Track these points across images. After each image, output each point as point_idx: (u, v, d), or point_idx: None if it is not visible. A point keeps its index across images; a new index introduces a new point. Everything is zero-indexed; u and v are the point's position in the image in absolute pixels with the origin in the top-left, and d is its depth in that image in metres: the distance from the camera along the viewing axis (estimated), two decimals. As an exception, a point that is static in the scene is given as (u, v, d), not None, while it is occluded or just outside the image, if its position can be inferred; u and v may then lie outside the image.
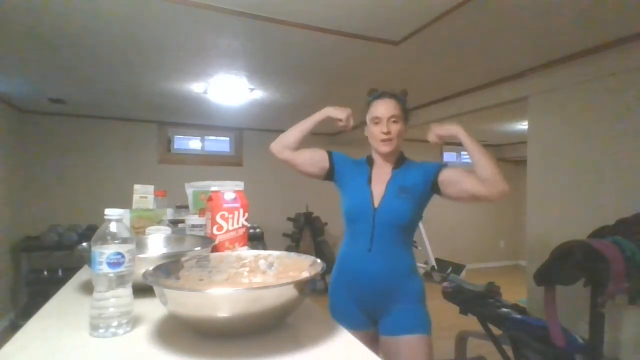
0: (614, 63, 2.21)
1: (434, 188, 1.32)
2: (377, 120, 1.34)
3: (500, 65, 2.63)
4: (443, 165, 1.33)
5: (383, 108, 1.33)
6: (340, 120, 1.45)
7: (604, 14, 1.86)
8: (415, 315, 1.30)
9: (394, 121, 1.33)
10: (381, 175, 1.37)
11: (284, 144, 1.46)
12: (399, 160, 1.40)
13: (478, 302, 2.16)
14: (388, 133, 1.31)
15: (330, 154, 1.47)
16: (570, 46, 2.27)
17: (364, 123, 1.42)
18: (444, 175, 1.30)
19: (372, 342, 1.33)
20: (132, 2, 1.78)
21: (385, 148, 1.33)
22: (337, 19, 1.95)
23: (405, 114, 1.38)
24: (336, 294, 1.39)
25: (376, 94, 1.39)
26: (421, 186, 1.32)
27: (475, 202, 1.36)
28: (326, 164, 1.44)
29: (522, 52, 2.38)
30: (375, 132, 1.34)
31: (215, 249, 1.04)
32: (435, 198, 1.39)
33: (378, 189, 1.34)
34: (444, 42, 2.21)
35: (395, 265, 1.29)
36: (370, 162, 1.43)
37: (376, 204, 1.32)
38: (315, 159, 1.46)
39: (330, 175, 1.44)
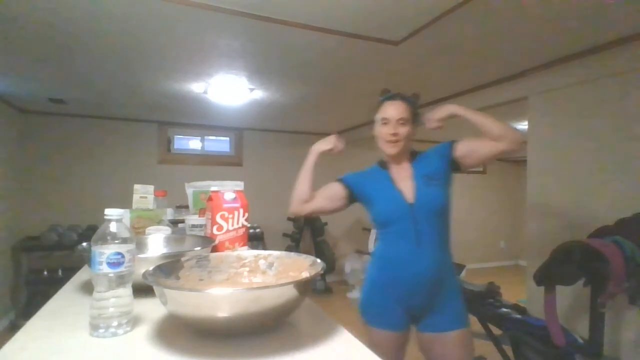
0: (614, 63, 2.21)
1: (453, 165, 1.34)
2: (385, 121, 1.35)
3: (500, 65, 2.63)
4: (453, 142, 1.35)
5: (392, 109, 1.34)
6: (331, 149, 1.48)
7: (604, 14, 1.86)
8: (457, 310, 1.32)
9: (402, 123, 1.33)
10: (401, 173, 1.38)
11: (299, 201, 1.50)
12: (412, 156, 1.41)
13: (478, 302, 2.16)
14: (395, 134, 1.32)
15: (342, 180, 1.48)
16: (570, 46, 2.27)
17: (372, 122, 1.43)
18: (459, 150, 1.32)
19: (405, 344, 1.37)
20: (132, 2, 1.78)
21: (391, 149, 1.35)
22: (337, 19, 1.96)
23: (415, 117, 1.38)
24: (377, 295, 1.37)
25: (387, 95, 1.40)
26: (442, 168, 1.34)
27: (495, 159, 1.39)
28: (343, 192, 1.45)
29: (522, 52, 2.38)
30: (382, 133, 1.36)
31: (215, 249, 1.04)
32: None
33: (405, 186, 1.35)
34: (444, 42, 2.22)
35: (441, 263, 1.30)
36: (384, 165, 1.45)
37: (410, 200, 1.32)
38: (331, 195, 1.47)
39: (352, 199, 1.45)
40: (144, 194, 1.35)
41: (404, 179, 1.37)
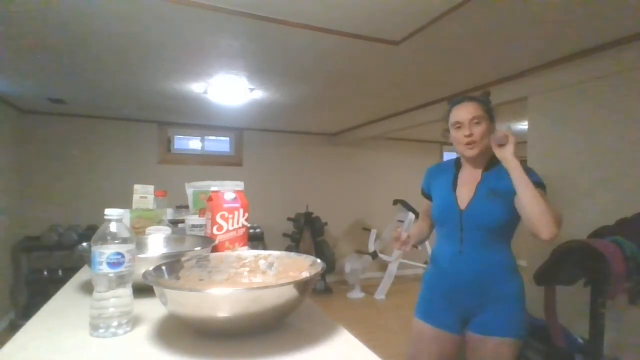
0: (614, 63, 2.21)
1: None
2: (458, 125, 1.31)
3: (500, 65, 2.63)
4: (535, 184, 1.20)
5: (463, 111, 1.30)
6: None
7: (604, 14, 1.86)
8: (508, 318, 1.27)
9: (477, 122, 1.28)
10: (469, 178, 1.35)
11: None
12: (490, 162, 1.34)
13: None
14: (470, 135, 1.27)
15: (421, 190, 1.53)
16: (570, 46, 2.27)
17: (446, 131, 1.40)
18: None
19: (449, 347, 1.35)
20: (132, 2, 1.78)
21: (470, 152, 1.29)
22: (337, 19, 1.96)
23: (489, 113, 1.33)
24: (426, 289, 1.43)
25: (455, 100, 1.36)
26: (512, 191, 1.22)
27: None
28: (426, 200, 1.50)
29: (522, 52, 2.38)
30: (458, 137, 1.31)
31: (215, 249, 1.04)
32: None
33: (465, 191, 1.33)
34: (444, 42, 2.21)
35: (487, 267, 1.27)
36: (457, 165, 1.42)
37: (462, 206, 1.31)
38: (425, 209, 1.53)
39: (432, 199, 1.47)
40: (144, 194, 1.35)
41: (468, 184, 1.34)
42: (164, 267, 0.74)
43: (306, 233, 5.17)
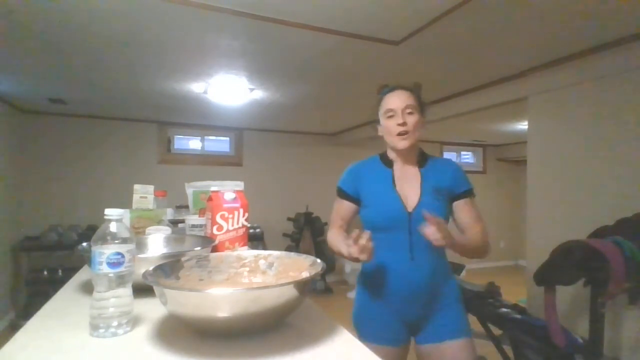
0: (614, 63, 2.21)
1: (450, 203, 1.26)
2: (390, 113, 1.22)
3: (500, 65, 2.63)
4: (468, 193, 1.26)
5: (396, 99, 1.22)
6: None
7: (604, 14, 1.86)
8: (456, 319, 1.24)
9: (410, 112, 1.21)
10: (407, 176, 1.26)
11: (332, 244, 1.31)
12: (421, 158, 1.29)
13: (478, 302, 2.16)
14: (404, 124, 1.19)
15: (340, 190, 1.34)
16: (570, 46, 2.27)
17: (376, 122, 1.32)
18: (458, 206, 1.25)
19: (403, 358, 1.30)
20: (132, 2, 1.78)
21: (403, 142, 1.21)
22: (337, 19, 1.95)
23: (421, 105, 1.26)
24: (371, 307, 1.29)
25: (387, 89, 1.28)
26: (449, 190, 1.24)
27: None
28: (348, 202, 1.32)
29: (522, 52, 2.38)
30: (390, 126, 1.22)
31: (215, 249, 1.04)
32: None
33: (408, 191, 1.23)
34: (444, 42, 2.21)
35: (436, 270, 1.22)
36: (388, 162, 1.31)
37: (410, 208, 1.20)
38: (344, 213, 1.33)
39: (358, 202, 1.31)
40: (144, 194, 1.35)
41: (408, 182, 1.25)
42: (164, 267, 0.74)
43: (306, 233, 5.17)
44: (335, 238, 1.26)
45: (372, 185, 1.29)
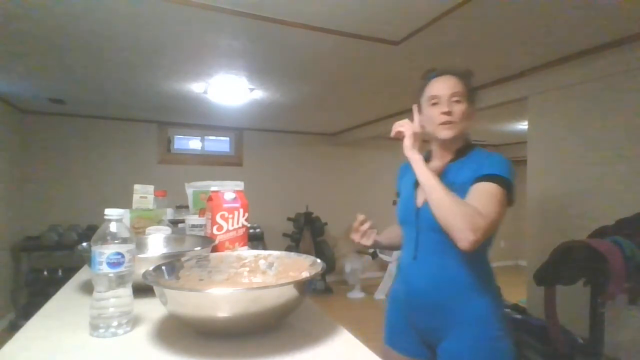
0: (614, 63, 2.21)
1: None
2: (435, 100, 1.09)
3: (500, 65, 2.63)
4: (485, 177, 1.00)
5: (442, 85, 1.10)
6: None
7: (604, 14, 1.86)
8: (477, 346, 1.01)
9: (457, 100, 1.08)
10: (434, 171, 1.11)
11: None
12: (461, 151, 1.13)
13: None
14: (449, 113, 1.07)
15: (395, 191, 1.32)
16: (570, 46, 2.27)
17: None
18: (473, 187, 1.01)
19: None
20: (132, 2, 1.78)
21: (446, 132, 1.07)
22: (337, 19, 1.96)
23: (471, 93, 1.13)
24: (390, 309, 1.24)
25: (433, 73, 1.15)
26: (469, 186, 1.02)
27: None
28: (398, 199, 1.28)
29: (522, 52, 2.38)
30: (433, 115, 1.09)
31: (215, 249, 1.04)
32: None
33: None
34: (444, 42, 2.21)
35: (445, 278, 1.05)
36: (427, 157, 1.19)
37: (419, 203, 1.11)
38: (396, 210, 1.28)
39: None
40: (144, 194, 1.35)
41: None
42: (164, 267, 0.74)
43: (306, 233, 5.17)
44: (384, 232, 1.29)
45: (405, 181, 1.24)
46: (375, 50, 2.34)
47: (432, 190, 1.00)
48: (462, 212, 0.94)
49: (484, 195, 0.98)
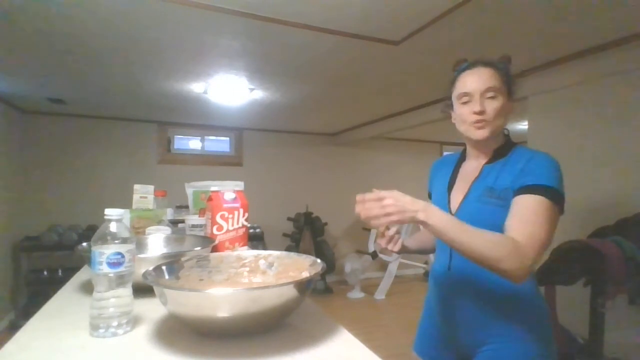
0: (614, 63, 2.21)
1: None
2: (466, 99, 0.98)
3: (500, 65, 2.63)
4: (530, 188, 0.88)
5: (474, 80, 0.96)
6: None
7: (603, 14, 1.86)
8: (520, 355, 0.93)
9: (491, 96, 0.95)
10: (470, 172, 1.04)
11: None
12: (499, 151, 1.00)
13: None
14: (481, 113, 0.94)
15: (428, 192, 1.22)
16: (570, 46, 2.27)
17: (446, 105, 1.10)
18: (514, 201, 0.89)
19: None
20: (132, 2, 1.78)
21: (480, 133, 0.96)
22: (337, 19, 1.96)
23: (508, 85, 0.99)
24: (425, 318, 1.16)
25: (464, 65, 1.02)
26: (511, 192, 0.92)
27: None
28: (430, 200, 1.19)
29: (522, 52, 2.38)
30: (464, 114, 0.98)
31: (215, 249, 1.04)
32: None
33: (460, 189, 1.04)
34: (444, 42, 2.21)
35: (483, 290, 0.95)
36: (462, 157, 1.11)
37: (453, 208, 1.01)
38: None
39: None
40: (144, 194, 1.35)
41: (465, 180, 1.04)
42: (164, 267, 0.74)
43: (306, 233, 5.17)
44: (415, 235, 1.21)
45: (437, 182, 1.14)
46: (375, 50, 2.34)
47: (457, 238, 0.80)
48: (502, 250, 0.79)
49: (528, 212, 0.85)
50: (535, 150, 0.97)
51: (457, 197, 1.02)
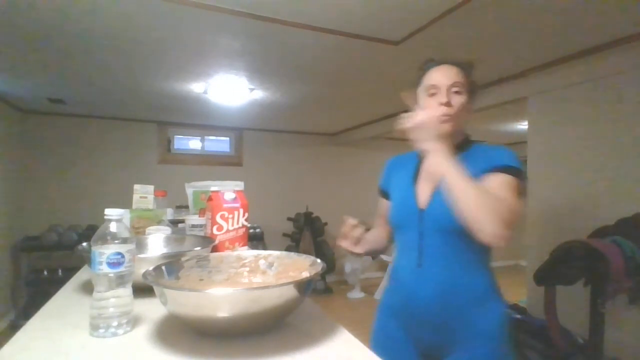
0: (614, 63, 2.21)
1: None
2: (433, 90, 1.02)
3: (500, 65, 2.63)
4: (500, 168, 0.95)
5: (442, 75, 1.02)
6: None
7: (604, 14, 1.86)
8: (487, 357, 0.95)
9: (457, 91, 1.00)
10: (431, 167, 1.03)
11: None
12: (460, 146, 1.04)
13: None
14: (448, 104, 0.98)
15: (380, 189, 1.23)
16: (570, 46, 2.27)
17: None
18: (486, 179, 0.95)
19: None
20: (132, 2, 1.78)
21: (445, 125, 0.97)
22: (337, 19, 1.96)
23: (471, 86, 1.05)
24: (384, 319, 1.11)
25: (432, 63, 1.09)
26: (479, 181, 0.94)
27: None
28: (382, 199, 1.21)
29: (522, 52, 2.38)
30: (430, 106, 1.01)
31: (215, 249, 1.04)
32: None
33: (427, 185, 1.03)
34: (444, 42, 2.21)
35: (455, 288, 0.96)
36: (422, 153, 1.07)
37: (422, 205, 1.01)
38: (381, 211, 1.21)
39: (389, 197, 1.18)
40: (144, 194, 1.35)
41: (431, 175, 1.03)
42: (164, 267, 0.74)
43: (306, 233, 5.17)
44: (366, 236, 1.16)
45: (397, 178, 1.15)
46: (375, 50, 2.34)
47: (456, 182, 0.88)
48: (491, 205, 0.86)
49: (503, 187, 0.92)
50: (495, 145, 1.06)
51: (424, 192, 1.04)
